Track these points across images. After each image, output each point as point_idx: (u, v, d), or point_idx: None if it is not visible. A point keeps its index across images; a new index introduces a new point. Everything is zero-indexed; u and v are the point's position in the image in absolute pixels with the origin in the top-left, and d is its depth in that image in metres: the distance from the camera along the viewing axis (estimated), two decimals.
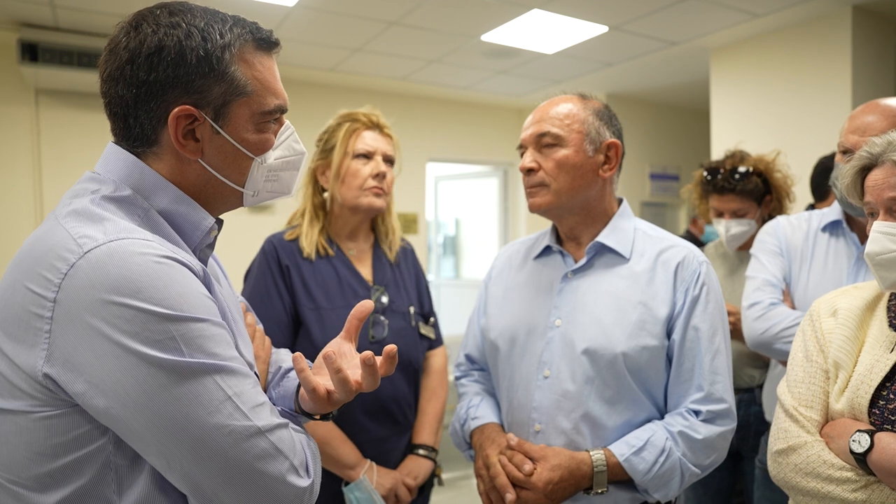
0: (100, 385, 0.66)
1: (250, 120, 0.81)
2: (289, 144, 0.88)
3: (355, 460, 1.44)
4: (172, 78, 0.75)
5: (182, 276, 0.71)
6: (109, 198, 0.76)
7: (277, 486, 0.71)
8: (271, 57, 0.85)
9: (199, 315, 0.70)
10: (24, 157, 3.79)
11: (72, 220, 0.72)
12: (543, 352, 1.25)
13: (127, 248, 0.68)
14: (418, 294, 1.65)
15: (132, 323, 0.66)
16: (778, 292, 1.61)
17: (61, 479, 0.69)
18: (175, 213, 0.80)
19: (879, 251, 1.02)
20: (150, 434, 0.67)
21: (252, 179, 0.85)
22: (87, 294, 0.66)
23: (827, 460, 0.99)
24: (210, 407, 0.68)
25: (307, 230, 1.55)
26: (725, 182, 2.01)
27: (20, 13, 3.34)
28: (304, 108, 4.66)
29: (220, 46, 0.77)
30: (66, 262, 0.67)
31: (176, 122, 0.77)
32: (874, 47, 3.40)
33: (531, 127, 1.26)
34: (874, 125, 1.40)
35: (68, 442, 0.69)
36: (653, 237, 1.29)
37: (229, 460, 0.68)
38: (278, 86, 0.85)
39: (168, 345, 0.67)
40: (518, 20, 3.44)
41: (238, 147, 0.81)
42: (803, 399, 1.07)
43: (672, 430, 1.17)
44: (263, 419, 0.71)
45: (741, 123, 3.83)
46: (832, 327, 1.10)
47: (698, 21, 3.48)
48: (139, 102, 0.76)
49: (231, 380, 0.70)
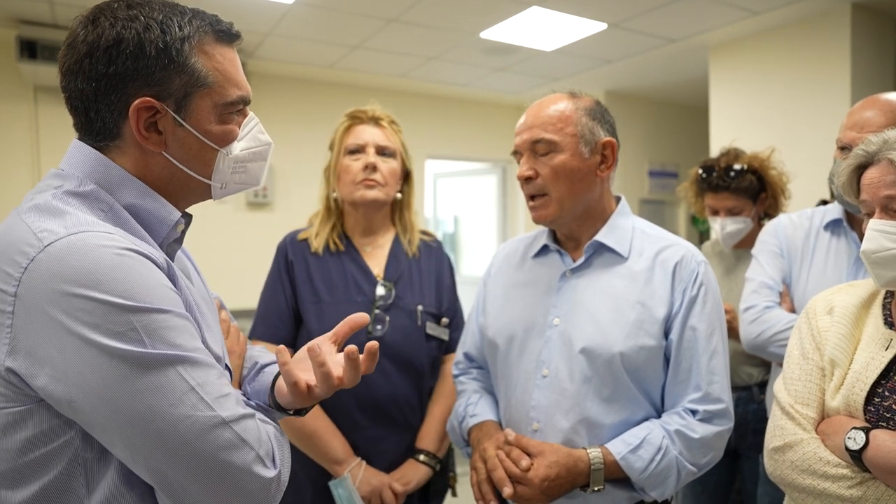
0: (62, 378, 0.66)
1: (213, 111, 0.82)
2: (254, 135, 0.88)
3: (343, 456, 1.43)
4: (132, 70, 0.76)
5: (144, 267, 0.70)
6: (72, 192, 0.76)
7: (243, 477, 0.71)
8: (233, 49, 0.85)
9: (162, 306, 0.70)
10: (23, 155, 3.79)
11: (33, 215, 0.72)
12: (542, 351, 1.25)
13: (88, 240, 0.68)
14: (437, 293, 1.61)
15: (93, 314, 0.66)
16: (774, 295, 1.61)
17: (29, 474, 0.70)
18: (140, 208, 0.80)
19: (875, 249, 1.02)
20: (114, 426, 0.67)
21: (219, 171, 0.84)
22: (47, 287, 0.66)
23: (823, 457, 1.00)
24: (173, 398, 0.68)
25: (318, 228, 1.58)
26: (720, 180, 2.00)
27: (19, 10, 3.33)
28: (304, 106, 4.66)
29: (180, 38, 0.78)
30: (26, 255, 0.67)
31: (137, 114, 0.77)
32: (873, 45, 3.40)
33: (524, 133, 1.24)
34: (873, 121, 1.37)
35: (35, 437, 0.69)
36: (651, 236, 1.29)
37: (194, 451, 0.68)
38: (240, 77, 0.85)
39: (129, 336, 0.67)
40: (517, 17, 3.44)
41: (201, 139, 0.81)
42: (799, 396, 1.07)
43: (669, 429, 1.17)
44: (227, 409, 0.71)
45: (740, 121, 3.83)
46: (828, 325, 1.10)
47: (697, 18, 3.48)
48: (99, 96, 0.77)
49: (194, 371, 0.70)
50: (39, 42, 3.43)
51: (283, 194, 4.57)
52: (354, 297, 1.51)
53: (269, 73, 4.49)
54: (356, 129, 1.56)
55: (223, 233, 4.29)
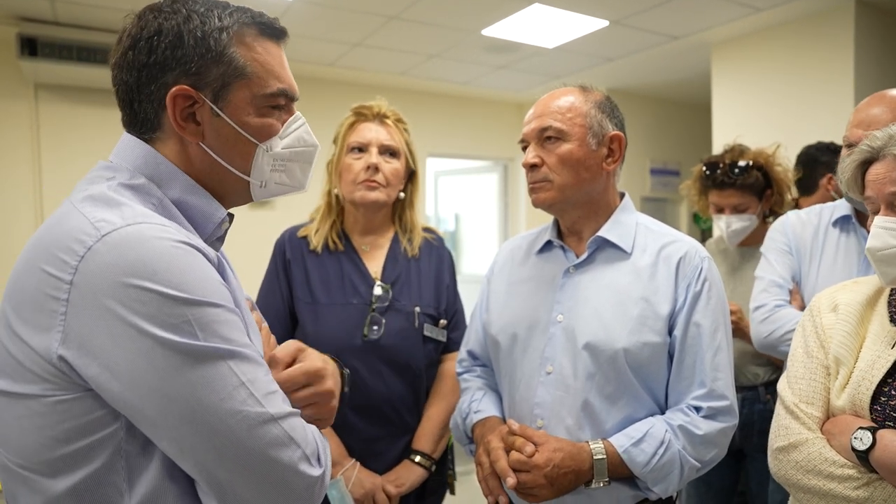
0: (114, 368, 0.66)
1: (251, 103, 0.81)
2: (299, 136, 0.88)
3: (336, 457, 1.42)
4: (171, 59, 0.77)
5: (198, 261, 0.71)
6: (125, 185, 0.77)
7: (290, 475, 0.71)
8: (277, 44, 0.85)
9: (215, 300, 0.70)
10: (24, 152, 3.78)
11: (89, 205, 0.72)
12: (546, 347, 1.24)
13: (144, 232, 0.68)
14: (435, 293, 1.59)
15: (148, 305, 0.65)
16: (784, 293, 1.59)
17: (72, 464, 0.69)
18: (188, 204, 0.81)
19: (881, 246, 1.01)
20: (163, 419, 0.67)
21: (257, 168, 0.84)
22: (103, 276, 0.66)
23: (828, 458, 0.98)
24: (223, 392, 0.67)
25: (318, 224, 1.57)
26: (725, 177, 1.97)
27: (19, 7, 3.32)
28: (304, 104, 4.62)
29: (218, 28, 0.78)
30: (83, 244, 0.67)
31: (173, 102, 0.77)
32: (878, 42, 3.38)
33: (533, 121, 1.25)
34: (880, 118, 1.35)
35: (81, 426, 0.69)
36: (655, 232, 1.28)
37: (242, 447, 0.68)
38: (283, 71, 0.85)
39: (183, 328, 0.66)
40: (518, 14, 3.43)
41: (238, 130, 0.81)
42: (804, 395, 1.06)
43: (672, 424, 1.17)
44: (276, 406, 0.71)
45: (742, 119, 3.82)
46: (832, 322, 1.09)
47: (700, 15, 3.47)
48: (141, 86, 0.78)
49: (244, 366, 0.70)
50: (40, 39, 3.42)
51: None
52: (350, 300, 1.49)
53: None
54: (360, 126, 1.54)
55: None
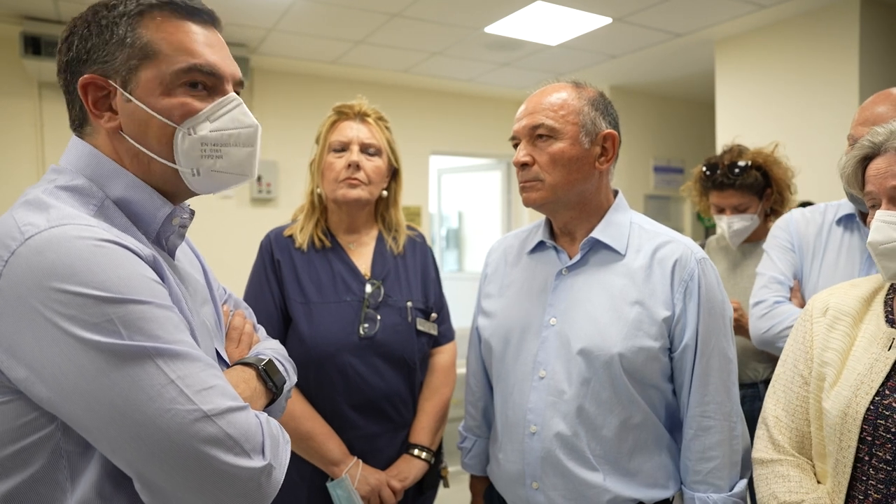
0: (40, 371, 0.66)
1: (160, 83, 0.79)
2: (233, 116, 0.83)
3: (340, 457, 1.42)
4: (83, 53, 0.79)
5: (123, 258, 0.70)
6: (63, 187, 0.77)
7: (227, 469, 0.68)
8: (199, 24, 0.83)
9: (141, 297, 0.68)
10: (28, 151, 3.80)
11: (21, 209, 0.72)
12: (538, 352, 1.22)
13: (67, 233, 0.68)
14: (423, 288, 1.60)
15: (69, 307, 0.65)
16: (785, 290, 1.59)
17: (11, 467, 0.69)
18: (131, 201, 0.80)
19: (882, 240, 1.00)
20: (92, 420, 0.66)
21: (183, 153, 0.80)
22: (25, 279, 0.66)
23: (781, 489, 1.05)
24: (151, 391, 0.66)
25: (303, 223, 1.56)
26: (724, 177, 1.97)
27: (22, 6, 3.34)
28: (307, 102, 4.65)
29: (121, 13, 0.79)
30: (8, 249, 0.67)
31: (84, 91, 0.79)
32: (882, 38, 3.36)
33: (524, 118, 1.22)
34: (885, 116, 1.33)
35: (15, 430, 0.69)
36: (648, 231, 1.26)
37: (173, 446, 0.66)
38: (196, 47, 0.80)
39: (106, 328, 0.66)
40: (521, 12, 3.42)
41: (149, 112, 0.79)
42: (781, 402, 1.11)
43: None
44: (210, 403, 0.68)
45: (746, 116, 3.80)
46: (822, 326, 1.09)
47: (703, 12, 3.45)
48: (68, 85, 0.81)
49: (174, 363, 0.68)
50: (43, 38, 3.44)
51: (286, 190, 4.57)
52: (343, 297, 1.49)
53: (272, 69, 4.48)
54: (341, 125, 1.54)
55: (226, 228, 4.29)
